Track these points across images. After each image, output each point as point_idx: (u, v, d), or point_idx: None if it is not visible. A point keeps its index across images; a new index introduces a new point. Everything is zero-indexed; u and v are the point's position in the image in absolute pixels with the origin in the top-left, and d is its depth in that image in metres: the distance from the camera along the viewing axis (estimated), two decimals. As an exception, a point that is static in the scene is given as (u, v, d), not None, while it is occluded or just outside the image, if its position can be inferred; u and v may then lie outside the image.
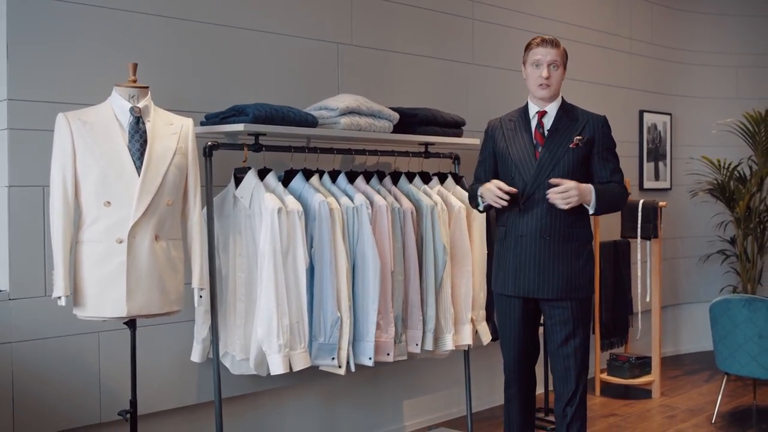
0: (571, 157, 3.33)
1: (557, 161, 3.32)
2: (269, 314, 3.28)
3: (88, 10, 3.33)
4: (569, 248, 3.31)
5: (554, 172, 3.31)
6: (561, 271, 3.30)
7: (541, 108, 3.42)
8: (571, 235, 3.31)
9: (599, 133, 3.40)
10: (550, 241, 3.30)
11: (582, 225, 3.36)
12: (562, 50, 3.40)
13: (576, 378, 3.37)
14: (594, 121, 3.42)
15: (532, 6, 5.46)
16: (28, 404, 3.16)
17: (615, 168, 3.43)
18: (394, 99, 4.37)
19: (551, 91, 3.38)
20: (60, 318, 3.17)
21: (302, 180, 3.59)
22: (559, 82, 3.40)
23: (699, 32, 6.98)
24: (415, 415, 4.73)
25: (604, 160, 3.40)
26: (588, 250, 3.37)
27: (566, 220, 3.30)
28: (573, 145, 3.34)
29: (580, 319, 3.34)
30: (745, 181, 6.43)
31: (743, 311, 4.56)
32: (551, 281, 3.31)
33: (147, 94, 2.99)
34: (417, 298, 3.79)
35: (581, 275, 3.33)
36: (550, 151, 3.34)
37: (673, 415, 5.06)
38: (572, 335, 3.34)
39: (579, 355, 3.36)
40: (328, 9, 4.21)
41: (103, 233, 2.82)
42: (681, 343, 6.98)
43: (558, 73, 3.38)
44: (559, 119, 3.40)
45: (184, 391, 3.62)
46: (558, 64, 3.37)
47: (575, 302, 3.33)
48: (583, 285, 3.35)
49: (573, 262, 3.31)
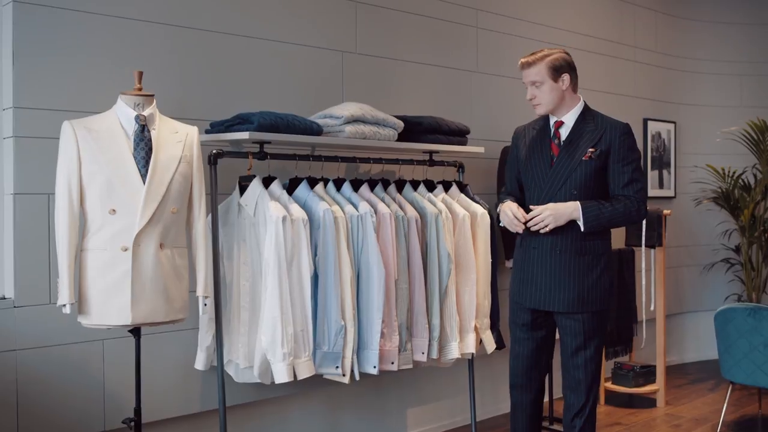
0: (585, 169, 3.26)
1: (569, 174, 3.28)
2: (273, 322, 3.28)
3: (94, 19, 3.35)
4: (582, 262, 3.28)
5: (567, 184, 3.27)
6: (573, 285, 3.27)
7: (559, 118, 3.37)
8: (583, 249, 3.28)
9: (616, 143, 3.27)
10: (561, 255, 3.29)
11: (596, 238, 3.29)
12: (542, 65, 3.28)
13: (587, 390, 3.34)
14: (612, 130, 3.29)
15: (536, 15, 5.46)
16: (33, 412, 3.16)
17: (630, 180, 3.26)
18: (398, 107, 4.37)
19: (543, 109, 3.34)
20: (64, 326, 3.18)
21: (307, 188, 3.59)
22: (551, 96, 3.30)
23: (703, 41, 6.98)
24: (419, 423, 4.72)
25: (619, 172, 3.27)
26: (603, 263, 3.31)
27: (579, 234, 3.26)
28: (586, 158, 3.26)
29: (592, 332, 3.30)
30: (749, 189, 6.42)
31: (748, 320, 4.55)
32: (563, 294, 3.28)
33: (152, 102, 2.99)
34: (422, 307, 3.78)
35: (594, 289, 3.28)
36: (563, 163, 3.30)
37: (678, 425, 5.05)
38: (583, 347, 3.31)
39: (590, 367, 3.32)
40: (332, 17, 4.22)
41: (108, 241, 2.82)
42: (686, 352, 6.96)
43: (544, 89, 3.29)
44: (576, 130, 3.33)
45: (188, 399, 3.62)
46: (539, 82, 3.29)
47: (588, 315, 3.29)
48: (597, 299, 3.29)
49: (586, 276, 3.27)
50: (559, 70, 3.29)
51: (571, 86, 3.32)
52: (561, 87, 3.30)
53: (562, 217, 3.23)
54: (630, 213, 3.27)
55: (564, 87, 3.31)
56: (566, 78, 3.30)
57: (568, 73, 3.31)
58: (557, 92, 3.30)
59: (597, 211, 3.22)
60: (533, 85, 3.32)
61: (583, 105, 3.38)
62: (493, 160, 4.84)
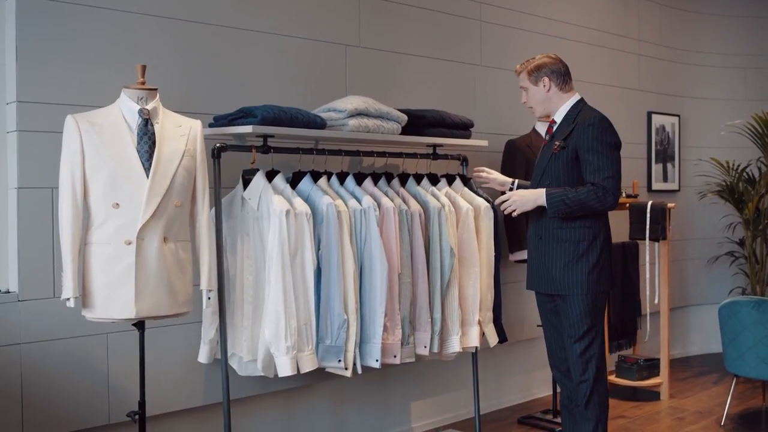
0: (556, 162, 3.51)
1: (545, 167, 3.56)
2: (277, 316, 3.28)
3: (97, 13, 3.35)
4: (559, 249, 3.50)
5: (545, 177, 3.55)
6: (551, 270, 3.51)
7: (553, 117, 3.64)
8: (560, 236, 3.50)
9: (583, 135, 3.44)
10: (541, 242, 3.56)
11: (574, 225, 3.47)
12: (524, 72, 3.61)
13: (581, 372, 3.48)
14: (582, 123, 3.47)
15: (540, 8, 5.45)
16: (37, 405, 3.17)
17: (596, 167, 3.40)
18: (402, 101, 4.37)
19: (538, 111, 3.66)
20: (69, 319, 3.18)
21: (310, 182, 3.59)
22: (536, 98, 3.61)
23: (707, 34, 6.96)
24: (422, 416, 4.73)
25: (585, 161, 3.43)
26: (581, 249, 3.46)
27: (554, 222, 3.50)
28: (555, 150, 3.51)
29: (577, 316, 3.47)
30: (754, 182, 6.40)
31: (752, 313, 4.54)
32: (545, 278, 3.55)
33: (155, 96, 2.99)
34: (425, 300, 3.78)
35: (571, 273, 3.46)
36: (542, 157, 3.62)
37: (682, 417, 5.05)
38: (570, 330, 3.50)
39: (578, 350, 3.47)
40: (335, 11, 4.22)
41: (112, 235, 2.82)
42: (690, 345, 6.96)
43: (531, 93, 3.61)
44: (560, 126, 3.58)
45: (192, 392, 3.63)
46: (525, 87, 3.63)
47: (573, 298, 3.48)
48: (577, 283, 3.45)
49: (561, 261, 3.48)
50: (538, 75, 3.58)
51: (555, 87, 3.58)
52: (543, 90, 3.58)
53: (528, 203, 3.51)
54: (592, 199, 3.39)
55: (546, 89, 3.58)
56: (546, 81, 3.57)
57: (547, 76, 3.57)
58: (540, 94, 3.60)
59: (561, 197, 3.42)
60: (523, 91, 3.66)
61: (573, 102, 3.59)
62: (496, 154, 4.83)
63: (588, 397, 3.46)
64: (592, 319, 3.48)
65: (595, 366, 3.47)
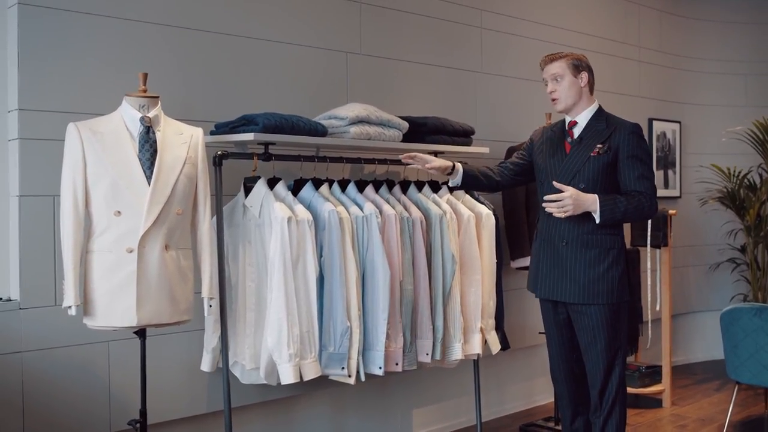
0: (593, 164, 3.37)
1: (579, 169, 3.39)
2: (279, 324, 3.27)
3: (99, 21, 3.35)
4: (588, 255, 3.36)
5: (576, 178, 3.37)
6: (578, 277, 3.37)
7: (573, 118, 3.50)
8: (590, 242, 3.36)
9: (625, 141, 3.36)
10: (567, 247, 3.39)
11: (604, 233, 3.36)
12: (564, 60, 3.45)
13: (601, 386, 3.41)
14: (622, 129, 3.39)
15: (541, 15, 5.46)
16: (38, 413, 3.16)
17: (640, 175, 3.35)
18: (403, 108, 4.37)
19: (561, 105, 3.48)
20: (70, 327, 3.18)
21: (312, 189, 3.59)
22: (570, 92, 3.45)
23: (708, 40, 6.97)
24: (424, 424, 4.72)
25: (629, 168, 3.35)
26: (611, 257, 3.36)
27: (585, 227, 3.36)
28: (594, 153, 3.37)
29: (603, 326, 3.36)
30: (755, 189, 6.40)
31: (754, 320, 4.53)
32: (570, 286, 3.39)
33: (157, 104, 2.99)
34: (426, 308, 3.78)
35: (601, 281, 3.34)
36: (574, 158, 3.42)
37: (684, 425, 5.03)
38: (593, 341, 3.38)
39: (603, 361, 3.38)
40: (337, 18, 4.22)
41: (113, 243, 2.82)
42: (691, 352, 6.95)
43: (564, 84, 3.44)
44: (588, 128, 3.45)
45: (194, 400, 3.62)
46: (561, 75, 3.44)
47: (597, 308, 3.36)
48: (605, 291, 3.34)
49: (591, 269, 3.35)
50: (579, 68, 3.46)
51: (588, 85, 3.48)
52: (579, 83, 3.45)
53: (581, 207, 3.29)
54: (643, 208, 3.34)
55: (582, 84, 3.46)
56: (585, 76, 3.46)
57: (586, 72, 3.48)
58: (575, 88, 3.45)
59: (613, 204, 3.30)
60: (554, 80, 3.47)
61: (597, 107, 3.51)
62: (497, 161, 4.82)
63: (610, 408, 3.41)
64: (620, 328, 3.40)
65: (618, 375, 3.41)
